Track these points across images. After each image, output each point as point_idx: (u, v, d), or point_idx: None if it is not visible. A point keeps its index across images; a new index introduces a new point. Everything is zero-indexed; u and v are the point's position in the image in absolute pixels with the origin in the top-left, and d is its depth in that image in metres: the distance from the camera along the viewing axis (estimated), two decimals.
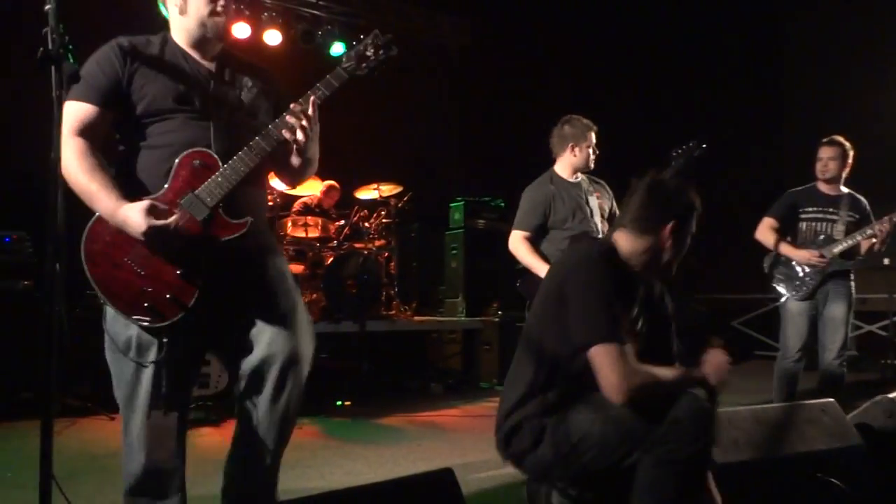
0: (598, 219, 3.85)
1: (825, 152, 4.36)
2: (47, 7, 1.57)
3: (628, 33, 8.68)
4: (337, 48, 7.54)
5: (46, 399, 1.45)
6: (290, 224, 6.07)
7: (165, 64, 2.06)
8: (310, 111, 2.03)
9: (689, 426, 1.88)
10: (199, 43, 2.12)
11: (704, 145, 3.72)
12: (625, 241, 2.14)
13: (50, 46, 1.46)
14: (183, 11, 2.07)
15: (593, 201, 3.88)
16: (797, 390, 4.32)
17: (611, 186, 4.06)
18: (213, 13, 2.06)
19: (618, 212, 3.76)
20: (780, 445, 2.44)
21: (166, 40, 2.12)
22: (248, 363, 2.00)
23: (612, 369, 1.89)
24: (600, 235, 3.73)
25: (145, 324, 1.94)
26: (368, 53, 2.14)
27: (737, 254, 4.66)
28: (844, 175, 4.35)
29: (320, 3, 7.62)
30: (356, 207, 6.51)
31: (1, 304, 4.63)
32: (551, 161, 3.96)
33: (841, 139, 4.35)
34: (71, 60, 1.54)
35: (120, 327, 1.99)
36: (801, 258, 4.29)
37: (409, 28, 8.11)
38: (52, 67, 1.45)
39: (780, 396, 4.31)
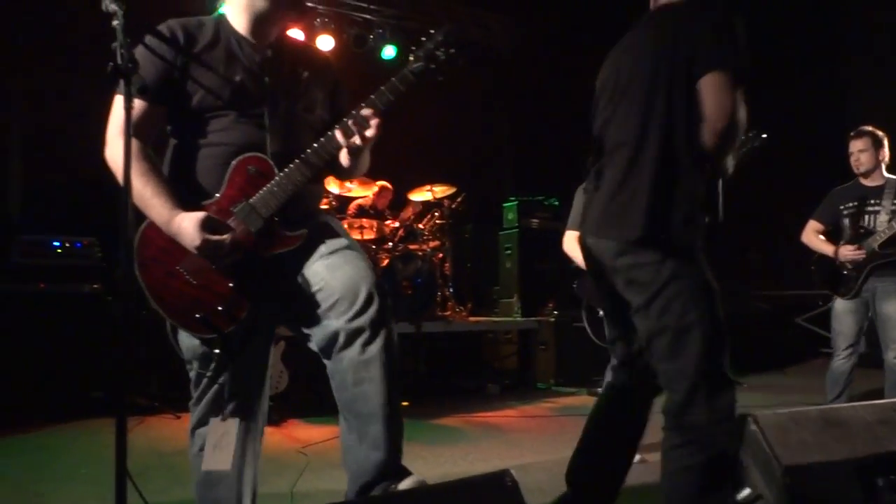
0: None
1: (854, 145, 4.22)
2: (115, 23, 1.61)
3: None
4: (388, 51, 7.61)
5: (121, 398, 1.50)
6: (345, 226, 6.14)
7: (219, 53, 1.94)
8: (375, 119, 1.90)
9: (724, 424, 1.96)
10: (262, 21, 1.99)
11: (764, 136, 3.63)
12: None
13: (119, 61, 1.50)
14: None
15: None
16: (848, 389, 4.19)
17: None
18: None
19: None
20: (851, 447, 2.36)
21: (220, 24, 1.99)
22: (323, 318, 1.88)
23: (728, 94, 1.90)
24: None
25: (197, 335, 1.91)
26: (439, 52, 1.94)
27: (801, 249, 4.56)
28: (884, 162, 4.20)
29: (371, 7, 7.69)
30: (410, 209, 6.56)
31: (72, 307, 4.83)
32: None
33: (869, 128, 4.21)
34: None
35: (184, 336, 1.97)
36: (839, 255, 4.18)
37: (459, 28, 8.12)
38: (123, 81, 1.50)
39: (830, 395, 4.21)
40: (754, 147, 3.68)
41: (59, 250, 4.94)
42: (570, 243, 3.77)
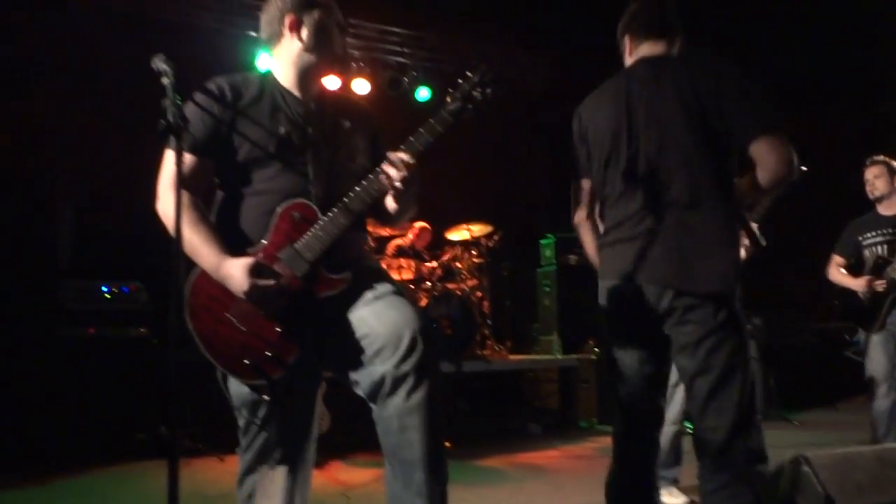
0: None
1: (869, 173, 4.28)
2: (165, 81, 1.69)
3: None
4: (423, 93, 7.73)
5: (173, 445, 1.53)
6: (384, 266, 6.17)
7: (264, 107, 2.02)
8: (411, 162, 1.91)
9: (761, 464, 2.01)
10: (307, 75, 2.08)
11: (804, 168, 3.61)
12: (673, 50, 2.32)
13: (171, 119, 1.57)
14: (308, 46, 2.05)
15: None
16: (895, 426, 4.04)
17: None
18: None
19: None
20: None
21: (265, 78, 2.08)
22: (367, 363, 1.89)
23: (786, 148, 2.02)
24: None
25: (246, 381, 1.93)
26: (476, 93, 1.97)
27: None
28: None
29: (405, 50, 7.85)
30: (447, 248, 6.59)
31: (120, 350, 4.94)
32: None
33: (883, 157, 4.25)
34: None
35: (234, 383, 1.99)
36: (858, 287, 4.14)
37: (492, 68, 8.21)
38: (173, 137, 1.56)
39: (873, 436, 4.05)
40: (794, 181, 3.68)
41: (108, 295, 5.07)
42: None
